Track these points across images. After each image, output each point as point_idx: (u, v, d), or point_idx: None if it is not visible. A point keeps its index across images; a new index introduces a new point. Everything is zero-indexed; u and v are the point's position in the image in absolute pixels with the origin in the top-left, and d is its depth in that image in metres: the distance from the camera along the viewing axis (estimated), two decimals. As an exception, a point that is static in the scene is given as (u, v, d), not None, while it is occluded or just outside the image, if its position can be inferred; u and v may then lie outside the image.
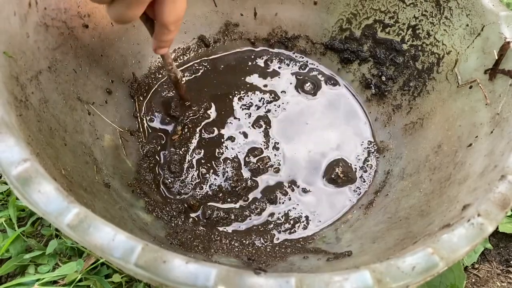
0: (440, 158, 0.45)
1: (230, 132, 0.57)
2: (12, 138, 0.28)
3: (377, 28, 0.58)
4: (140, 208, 0.47)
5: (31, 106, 0.36)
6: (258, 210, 0.51)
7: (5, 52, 0.34)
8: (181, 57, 0.63)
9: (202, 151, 0.55)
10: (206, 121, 0.57)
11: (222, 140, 0.56)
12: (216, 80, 0.62)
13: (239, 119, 0.58)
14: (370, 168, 0.55)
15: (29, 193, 0.26)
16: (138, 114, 0.57)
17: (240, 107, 0.59)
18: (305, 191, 0.52)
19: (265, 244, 0.48)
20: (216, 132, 0.56)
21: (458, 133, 0.45)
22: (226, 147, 0.55)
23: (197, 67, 0.63)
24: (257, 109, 0.59)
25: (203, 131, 0.56)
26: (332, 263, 0.40)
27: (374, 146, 0.57)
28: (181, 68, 0.62)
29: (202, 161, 0.54)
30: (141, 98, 0.58)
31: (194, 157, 0.54)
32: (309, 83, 0.62)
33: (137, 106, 0.57)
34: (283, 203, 0.52)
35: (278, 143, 0.56)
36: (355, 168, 0.55)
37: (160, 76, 0.61)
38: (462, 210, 0.33)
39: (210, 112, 0.58)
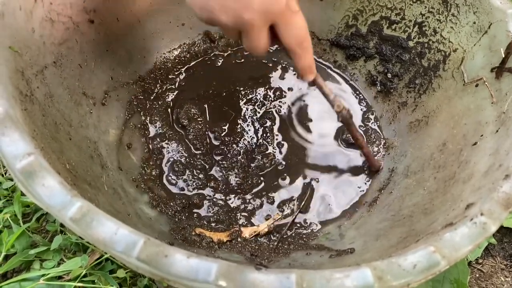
0: (444, 157, 0.45)
1: (235, 129, 0.56)
2: (17, 132, 0.28)
3: (383, 25, 0.58)
4: (144, 203, 0.48)
5: (36, 101, 0.37)
6: (263, 206, 0.51)
7: (11, 47, 0.35)
8: (187, 52, 0.63)
9: (206, 148, 0.55)
10: (211, 119, 0.57)
11: (227, 137, 0.56)
12: (221, 76, 0.62)
13: (244, 115, 0.58)
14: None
15: (33, 186, 0.26)
16: (143, 110, 0.57)
17: (246, 104, 0.59)
18: (309, 187, 0.52)
19: (268, 240, 0.48)
20: (220, 129, 0.56)
21: (464, 132, 0.44)
22: (231, 144, 0.55)
23: (203, 63, 0.63)
24: (263, 105, 0.59)
25: (208, 127, 0.56)
26: (334, 260, 0.40)
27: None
28: (187, 66, 0.62)
29: (207, 158, 0.54)
30: (147, 94, 0.58)
31: (198, 154, 0.54)
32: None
33: (142, 101, 0.57)
34: (286, 199, 0.52)
35: (283, 140, 0.56)
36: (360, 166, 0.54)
37: (165, 71, 0.61)
38: (465, 209, 0.32)
39: (214, 112, 0.58)
